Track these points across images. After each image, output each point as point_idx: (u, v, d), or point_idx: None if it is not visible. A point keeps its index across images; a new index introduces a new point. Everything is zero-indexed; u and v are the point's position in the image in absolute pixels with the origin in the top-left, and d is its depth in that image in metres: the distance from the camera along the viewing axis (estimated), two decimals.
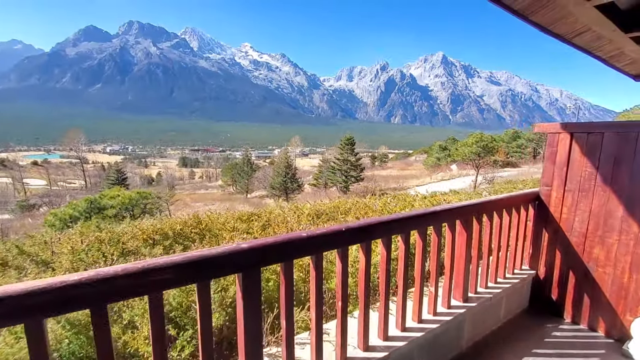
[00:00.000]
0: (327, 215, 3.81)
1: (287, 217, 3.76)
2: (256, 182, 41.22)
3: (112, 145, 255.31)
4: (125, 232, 3.42)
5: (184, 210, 27.44)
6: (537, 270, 3.14)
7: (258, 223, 3.47)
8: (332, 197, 27.68)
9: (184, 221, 3.64)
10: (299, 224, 3.37)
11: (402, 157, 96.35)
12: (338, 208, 4.14)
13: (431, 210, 2.19)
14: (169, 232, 3.35)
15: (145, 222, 3.84)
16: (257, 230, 3.28)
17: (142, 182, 68.91)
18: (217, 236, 3.44)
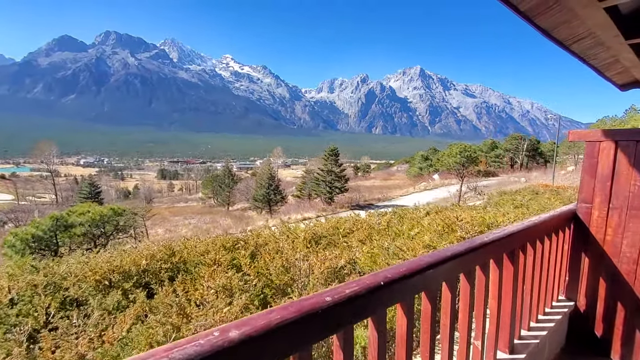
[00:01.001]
0: (326, 238, 3.26)
1: (280, 241, 3.18)
2: (238, 194, 40.11)
3: (87, 158, 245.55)
4: (72, 272, 2.66)
5: (162, 225, 26.16)
6: (575, 301, 2.69)
7: (245, 252, 2.84)
8: (317, 208, 27.16)
9: (152, 254, 2.91)
10: (294, 251, 2.80)
11: (384, 167, 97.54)
12: (337, 229, 3.60)
13: (478, 243, 1.69)
14: (131, 269, 2.64)
15: (101, 257, 3.07)
16: (246, 263, 2.65)
17: (118, 195, 66.23)
18: (193, 271, 2.72)
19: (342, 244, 3.16)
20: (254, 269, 2.50)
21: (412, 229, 3.41)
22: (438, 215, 4.42)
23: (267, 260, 2.76)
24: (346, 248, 3.03)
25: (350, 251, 2.82)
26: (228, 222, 26.61)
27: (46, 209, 37.39)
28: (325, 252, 2.63)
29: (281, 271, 2.50)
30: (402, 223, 4.06)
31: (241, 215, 31.57)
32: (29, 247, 9.01)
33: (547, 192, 8.34)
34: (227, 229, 21.18)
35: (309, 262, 2.50)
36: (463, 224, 3.25)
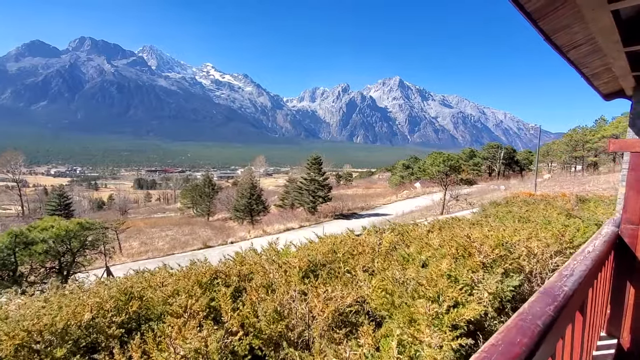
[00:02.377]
0: (325, 267, 2.77)
1: (269, 271, 2.65)
2: (219, 204, 38.97)
3: (58, 167, 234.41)
4: None
5: (138, 238, 24.80)
6: (619, 338, 2.33)
7: (226, 290, 2.24)
8: (300, 218, 26.59)
9: (100, 302, 2.12)
10: (288, 286, 2.28)
11: (366, 176, 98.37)
12: (335, 253, 3.11)
13: (563, 299, 1.25)
14: (70, 326, 1.95)
15: (30, 307, 2.16)
16: (227, 310, 1.96)
17: (91, 206, 63.14)
18: (157, 324, 2.04)
19: (344, 274, 2.68)
20: (238, 316, 1.97)
21: (422, 252, 2.99)
22: (443, 232, 4.03)
23: (254, 300, 2.20)
24: (350, 281, 2.55)
25: (356, 285, 2.36)
26: (208, 233, 25.65)
27: (11, 222, 34.90)
28: (327, 287, 2.15)
29: (274, 317, 2.00)
30: (407, 243, 3.63)
31: (222, 226, 30.56)
32: None
33: (541, 203, 8.20)
34: (207, 241, 20.28)
35: (308, 302, 2.02)
36: (479, 245, 2.86)
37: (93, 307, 1.99)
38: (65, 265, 9.58)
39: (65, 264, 9.62)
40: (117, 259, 16.78)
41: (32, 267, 9.12)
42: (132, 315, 2.14)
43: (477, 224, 4.85)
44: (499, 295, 2.39)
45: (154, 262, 16.27)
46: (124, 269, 14.66)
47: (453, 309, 1.91)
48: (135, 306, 2.16)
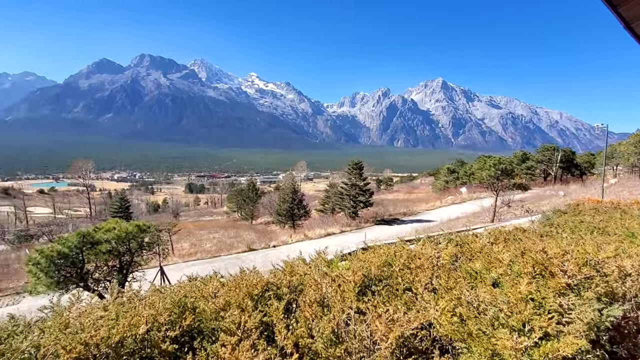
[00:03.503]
0: (381, 282, 2.54)
1: (322, 285, 2.49)
2: (261, 207, 40.05)
3: (120, 173, 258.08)
4: (42, 345, 1.88)
5: (188, 239, 26.20)
6: None
7: (279, 304, 2.13)
8: (341, 223, 26.32)
9: (153, 315, 2.11)
10: (343, 303, 2.10)
11: (407, 180, 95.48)
12: (390, 265, 2.88)
13: None
14: (126, 338, 2.02)
15: (89, 316, 2.24)
16: (280, 330, 1.92)
17: (148, 209, 68.34)
18: (209, 339, 2.03)
19: (404, 291, 2.43)
20: (293, 336, 1.83)
21: (491, 269, 2.64)
22: (509, 244, 3.59)
23: (308, 317, 2.05)
24: (412, 300, 2.30)
25: (419, 305, 2.10)
26: (252, 236, 26.33)
27: (81, 223, 38.91)
28: (387, 307, 1.94)
29: (331, 339, 1.84)
30: (469, 257, 3.27)
31: (265, 230, 31.26)
32: (54, 264, 8.81)
33: (615, 211, 7.18)
34: (251, 244, 20.80)
35: (368, 324, 1.82)
36: (561, 262, 2.46)
37: (148, 320, 1.98)
38: (124, 264, 10.19)
39: (125, 263, 10.22)
40: (170, 259, 17.75)
41: (96, 265, 9.78)
42: (185, 329, 2.10)
43: (547, 235, 4.29)
44: (595, 325, 2.00)
45: (203, 263, 17.01)
46: (176, 268, 15.49)
47: (543, 342, 1.60)
48: (189, 319, 2.11)
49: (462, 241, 3.72)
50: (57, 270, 8.63)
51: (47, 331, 2.05)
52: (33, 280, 8.42)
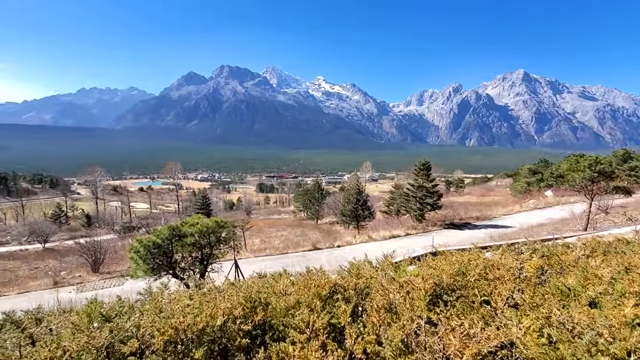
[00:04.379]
0: (454, 292, 2.34)
1: (389, 291, 2.40)
2: (326, 207, 40.66)
3: (202, 173, 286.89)
4: (141, 326, 2.20)
5: (258, 236, 27.91)
6: None
7: (346, 307, 2.13)
8: (406, 225, 25.27)
9: (229, 308, 2.30)
10: (412, 312, 1.99)
11: (481, 182, 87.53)
12: (463, 274, 2.64)
13: None
14: (206, 328, 2.14)
15: (177, 303, 2.52)
16: (350, 334, 1.91)
17: (224, 206, 74.51)
18: (279, 335, 2.16)
19: (481, 304, 2.21)
20: (361, 342, 1.80)
21: (587, 287, 2.25)
22: (610, 258, 3.02)
23: (376, 323, 2.00)
24: (490, 314, 2.08)
25: (498, 321, 1.89)
26: (317, 235, 26.87)
27: (171, 217, 44.34)
28: (462, 320, 1.78)
29: (400, 349, 1.76)
30: (559, 270, 2.85)
31: (329, 229, 31.63)
32: (150, 253, 10.01)
33: None
34: (316, 243, 21.26)
35: (440, 336, 1.69)
36: None
37: (225, 312, 2.16)
38: (205, 256, 11.19)
39: (205, 255, 11.22)
40: (243, 253, 19.09)
41: (182, 256, 10.94)
42: (257, 323, 2.24)
43: None
44: None
45: (271, 259, 17.93)
46: (248, 262, 16.61)
47: None
48: (261, 315, 2.25)
49: (550, 252, 3.25)
50: (152, 258, 9.90)
51: (145, 313, 2.37)
52: (134, 265, 9.82)
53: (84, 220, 45.61)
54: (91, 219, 46.03)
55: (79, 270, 18.18)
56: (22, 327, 2.55)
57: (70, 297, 12.53)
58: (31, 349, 2.11)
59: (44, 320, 2.75)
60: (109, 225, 40.08)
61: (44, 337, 2.31)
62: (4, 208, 59.38)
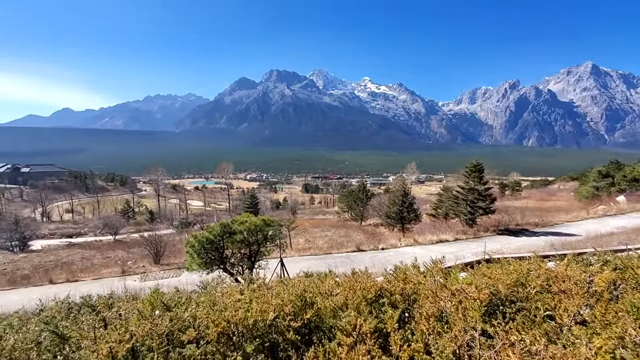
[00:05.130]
0: (513, 305, 2.13)
1: (439, 298, 2.27)
2: (371, 209, 40.10)
3: (251, 174, 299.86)
4: (197, 317, 2.32)
5: (303, 236, 28.40)
6: None
7: (393, 312, 2.06)
8: (455, 230, 23.93)
9: (280, 305, 2.34)
10: (464, 321, 1.86)
11: (541, 185, 79.99)
12: (523, 285, 2.41)
13: None
14: (257, 323, 2.20)
15: (229, 297, 2.61)
16: (396, 340, 1.84)
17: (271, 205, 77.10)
18: (327, 335, 2.14)
19: (543, 319, 2.00)
20: (409, 349, 1.73)
21: None
22: None
23: (424, 331, 1.90)
24: (554, 330, 1.88)
25: (564, 339, 1.69)
26: (360, 237, 26.60)
27: (222, 215, 46.98)
28: (522, 335, 1.62)
29: None
30: (638, 287, 2.49)
31: (373, 231, 31.16)
32: (204, 248, 10.67)
33: None
34: (360, 244, 21.05)
35: (497, 351, 1.56)
36: None
37: (275, 308, 2.22)
38: (253, 253, 11.64)
39: (253, 252, 11.66)
40: (288, 252, 19.54)
41: (232, 252, 11.48)
42: (305, 322, 2.27)
43: None
44: None
45: (316, 259, 18.13)
46: (293, 261, 16.97)
47: None
48: (309, 314, 2.28)
49: (624, 264, 2.85)
50: (205, 253, 10.55)
51: (201, 305, 2.54)
52: (189, 259, 10.54)
53: (148, 216, 50.20)
54: (154, 215, 50.53)
55: (142, 261, 20.01)
56: (96, 310, 2.91)
57: (135, 285, 13.85)
58: (104, 332, 2.38)
59: (115, 306, 3.09)
60: (169, 221, 43.66)
61: (114, 321, 2.60)
62: (83, 203, 67.58)
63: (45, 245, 30.79)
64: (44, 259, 23.27)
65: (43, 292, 13.47)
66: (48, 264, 21.26)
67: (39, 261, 22.50)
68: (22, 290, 15.35)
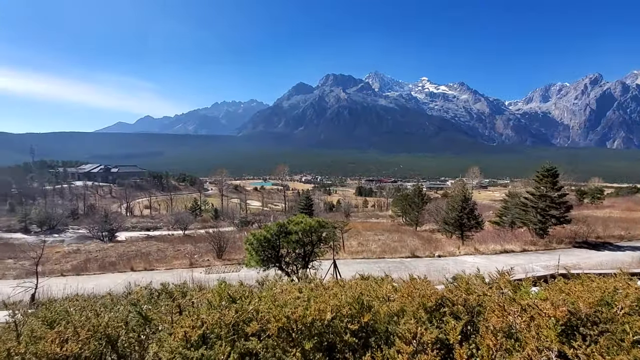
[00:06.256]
0: (596, 326, 1.87)
1: (508, 313, 2.08)
2: (427, 214, 38.44)
3: (306, 176, 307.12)
4: (259, 310, 2.44)
5: (356, 238, 28.27)
6: None
7: (456, 323, 1.94)
8: (523, 240, 21.76)
9: (338, 306, 2.36)
10: (537, 340, 1.67)
11: (627, 193, 68.87)
12: (608, 305, 2.11)
13: None
14: (315, 322, 2.25)
15: (288, 295, 2.71)
16: (463, 355, 1.77)
17: (325, 207, 78.07)
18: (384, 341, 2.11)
19: (632, 343, 1.74)
20: None
21: None
22: None
23: (491, 347, 1.75)
24: None
25: None
26: (415, 242, 25.65)
27: (278, 215, 48.87)
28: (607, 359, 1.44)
29: None
30: None
31: (429, 237, 29.81)
32: (262, 246, 11.21)
33: None
34: (414, 250, 20.31)
35: None
36: None
37: (333, 309, 2.27)
38: (307, 253, 11.92)
39: (307, 253, 11.93)
40: (341, 254, 19.60)
41: (287, 251, 11.88)
42: (362, 325, 2.27)
43: None
44: None
45: (368, 263, 17.91)
46: (345, 263, 16.98)
47: None
48: (367, 317, 2.28)
49: None
50: (263, 250, 11.07)
51: (263, 300, 2.70)
52: (248, 256, 11.14)
53: (213, 214, 54.38)
54: (218, 213, 54.56)
55: (207, 255, 21.72)
56: (173, 297, 3.27)
57: (200, 276, 15.09)
58: (179, 317, 2.67)
59: (188, 294, 3.44)
60: (230, 219, 46.78)
61: (187, 308, 2.89)
62: (159, 200, 75.55)
63: (128, 237, 35.11)
64: (127, 248, 26.55)
65: (126, 277, 15.39)
66: (130, 254, 24.21)
67: (123, 250, 25.74)
68: (109, 275, 17.70)
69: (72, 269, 19.15)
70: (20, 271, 18.42)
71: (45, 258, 18.31)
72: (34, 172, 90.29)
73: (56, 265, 20.44)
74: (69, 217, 46.40)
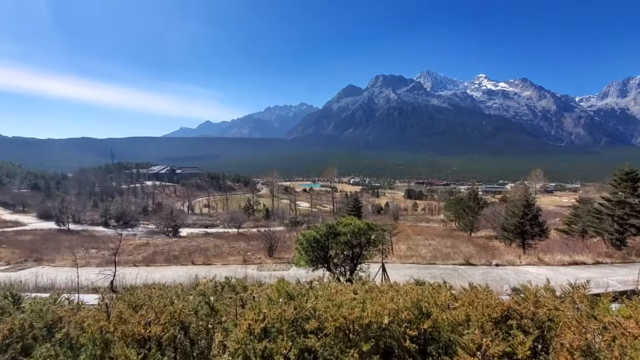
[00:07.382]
0: None
1: (587, 331, 1.88)
2: (483, 220, 35.94)
3: (355, 178, 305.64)
4: (317, 309, 2.46)
5: (405, 242, 27.49)
6: None
7: (526, 338, 1.80)
8: (596, 251, 19.35)
9: (395, 310, 2.33)
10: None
11: None
12: None
13: None
14: (372, 324, 2.22)
15: (344, 295, 2.70)
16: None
17: (372, 210, 76.89)
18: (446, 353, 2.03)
19: None
20: None
21: None
22: None
23: None
24: None
25: None
26: (470, 249, 24.17)
27: (327, 216, 49.37)
28: None
29: None
30: None
31: (485, 244, 27.89)
32: (311, 246, 11.43)
33: None
34: (469, 257, 19.19)
35: None
36: None
37: (391, 312, 2.26)
38: (355, 256, 11.89)
39: (355, 255, 11.91)
40: (389, 258, 19.19)
41: (336, 252, 11.95)
42: (422, 332, 2.24)
43: None
44: None
45: (418, 268, 17.29)
46: (394, 267, 16.61)
47: None
48: (427, 324, 2.24)
49: None
50: (312, 251, 11.28)
51: (319, 299, 2.79)
52: (297, 255, 11.43)
53: (264, 213, 56.72)
54: (269, 213, 56.79)
55: (259, 253, 22.73)
56: (235, 290, 3.53)
57: (253, 273, 15.86)
58: (242, 310, 2.87)
59: (249, 289, 3.69)
60: (281, 219, 48.37)
61: (249, 302, 3.11)
62: (216, 199, 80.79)
63: (189, 233, 38.11)
64: (188, 244, 28.85)
65: (187, 270, 16.75)
66: (191, 248, 26.27)
67: (185, 245, 28.02)
68: (173, 267, 19.39)
69: (142, 260, 21.35)
70: (101, 260, 20.97)
71: (121, 249, 20.64)
72: (113, 173, 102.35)
73: (129, 257, 22.92)
74: (140, 214, 51.74)
